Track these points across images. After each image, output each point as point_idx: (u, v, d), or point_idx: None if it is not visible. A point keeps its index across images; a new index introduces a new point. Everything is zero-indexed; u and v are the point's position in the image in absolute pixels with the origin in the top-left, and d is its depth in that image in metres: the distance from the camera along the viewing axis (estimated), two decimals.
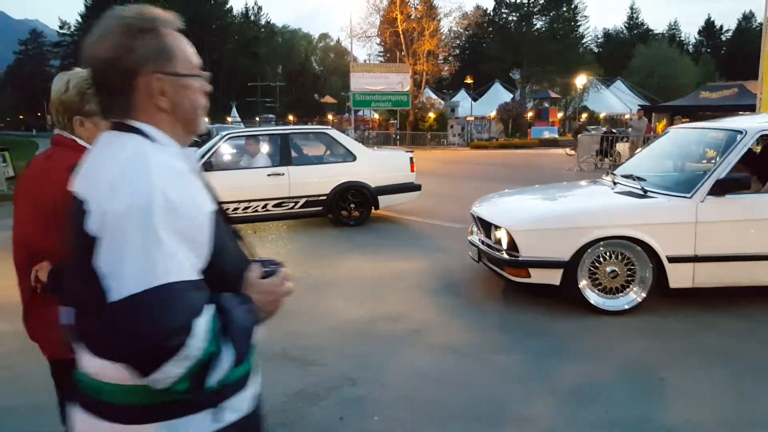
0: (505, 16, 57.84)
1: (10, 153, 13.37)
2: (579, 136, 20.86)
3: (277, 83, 69.93)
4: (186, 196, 1.05)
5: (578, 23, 58.44)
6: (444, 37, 44.66)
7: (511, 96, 52.58)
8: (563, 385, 3.45)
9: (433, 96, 48.01)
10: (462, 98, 54.76)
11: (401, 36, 39.56)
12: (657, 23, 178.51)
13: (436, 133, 38.62)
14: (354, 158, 8.25)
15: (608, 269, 4.43)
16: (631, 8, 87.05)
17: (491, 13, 58.67)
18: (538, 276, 4.49)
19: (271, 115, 69.84)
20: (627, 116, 52.99)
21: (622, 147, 18.56)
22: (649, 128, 18.32)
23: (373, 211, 8.47)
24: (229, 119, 60.19)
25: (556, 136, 38.20)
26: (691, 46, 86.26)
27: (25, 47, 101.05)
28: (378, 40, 44.39)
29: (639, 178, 4.91)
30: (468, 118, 44.01)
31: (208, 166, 7.39)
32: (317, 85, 71.29)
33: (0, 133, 55.89)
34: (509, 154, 28.28)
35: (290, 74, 72.71)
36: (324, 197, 8.08)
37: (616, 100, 55.92)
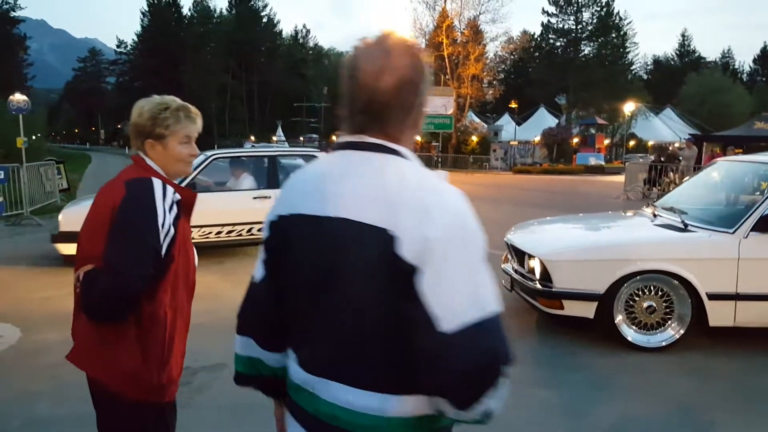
0: (552, 41, 57.50)
1: (65, 166, 14.01)
2: (626, 164, 20.38)
3: (322, 104, 71.28)
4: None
5: (627, 50, 57.55)
6: (489, 61, 44.68)
7: (557, 121, 52.02)
8: (608, 422, 3.33)
9: (477, 119, 47.95)
10: (506, 122, 54.46)
11: (446, 60, 39.79)
12: (709, 51, 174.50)
13: (479, 156, 38.45)
14: None
15: (645, 304, 4.28)
16: (683, 36, 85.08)
17: (538, 38, 58.44)
18: (571, 308, 4.35)
19: (314, 135, 71.07)
20: (677, 144, 51.63)
21: (671, 176, 18.03)
22: (706, 158, 17.66)
23: None
24: (275, 138, 61.54)
25: (602, 163, 37.45)
26: (745, 75, 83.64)
27: (84, 65, 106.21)
28: None
29: (680, 211, 4.76)
30: (511, 143, 43.70)
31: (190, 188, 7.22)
32: None
33: (56, 146, 58.69)
34: (553, 179, 27.86)
35: (335, 96, 73.91)
36: None
37: (666, 129, 54.50)
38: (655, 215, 5.04)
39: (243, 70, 76.71)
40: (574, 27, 55.40)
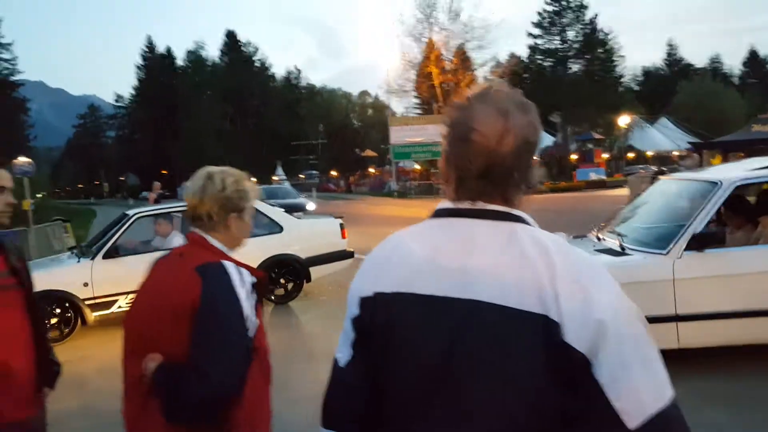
0: (540, 62, 58.31)
1: (71, 224, 14.12)
2: (629, 177, 20.42)
3: (318, 141, 72.01)
4: None
5: (615, 63, 58.27)
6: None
7: (553, 139, 52.35)
8: None
9: None
10: None
11: (437, 88, 40.33)
12: (697, 58, 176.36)
13: None
14: (280, 229, 7.57)
15: None
16: (670, 45, 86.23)
17: (526, 60, 59.30)
18: None
19: (314, 172, 71.67)
20: (675, 153, 51.79)
21: None
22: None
23: (308, 282, 7.78)
24: (275, 178, 62.02)
25: (604, 177, 37.51)
26: (736, 78, 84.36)
27: (84, 121, 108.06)
28: (414, 93, 45.39)
29: (620, 234, 4.63)
30: None
31: (113, 252, 6.68)
32: (357, 140, 73.02)
33: (61, 202, 59.09)
34: (557, 198, 27.85)
35: (331, 132, 74.88)
36: None
37: (663, 138, 54.74)
38: (599, 239, 4.97)
39: (239, 114, 77.82)
40: (560, 46, 56.25)
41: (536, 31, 57.13)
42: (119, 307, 6.64)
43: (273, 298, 7.52)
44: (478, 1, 61.28)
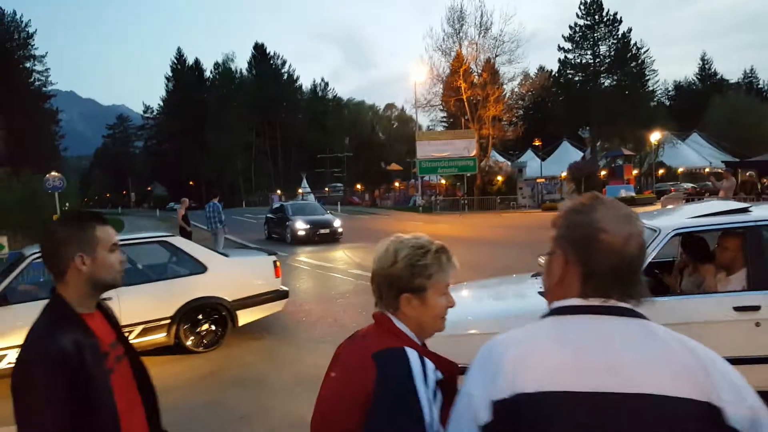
0: (570, 76, 57.71)
1: None
2: (662, 198, 19.87)
3: (344, 154, 72.29)
4: None
5: (647, 78, 57.36)
6: (508, 99, 44.84)
7: (581, 154, 51.58)
8: None
9: (500, 159, 47.83)
10: (529, 158, 54.23)
11: (465, 103, 40.04)
12: (731, 73, 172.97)
13: (505, 196, 38.09)
14: (204, 269, 6.78)
15: None
16: (703, 59, 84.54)
17: (556, 74, 58.74)
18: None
19: (339, 185, 71.90)
20: (707, 169, 50.60)
21: None
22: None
23: (234, 327, 6.84)
24: (300, 190, 62.41)
25: (633, 194, 36.69)
26: None
27: (113, 131, 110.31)
28: (441, 106, 45.16)
29: None
30: (538, 180, 43.31)
31: (1, 300, 5.76)
32: (383, 154, 73.09)
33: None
34: None
35: (357, 144, 75.18)
36: (167, 321, 6.39)
37: (695, 154, 53.60)
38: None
39: (266, 127, 78.69)
40: (591, 61, 55.65)
41: (567, 45, 56.67)
42: (9, 363, 5.46)
43: (194, 347, 6.58)
44: (508, 16, 60.68)
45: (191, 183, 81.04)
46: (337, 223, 19.46)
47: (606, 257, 1.04)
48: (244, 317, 6.88)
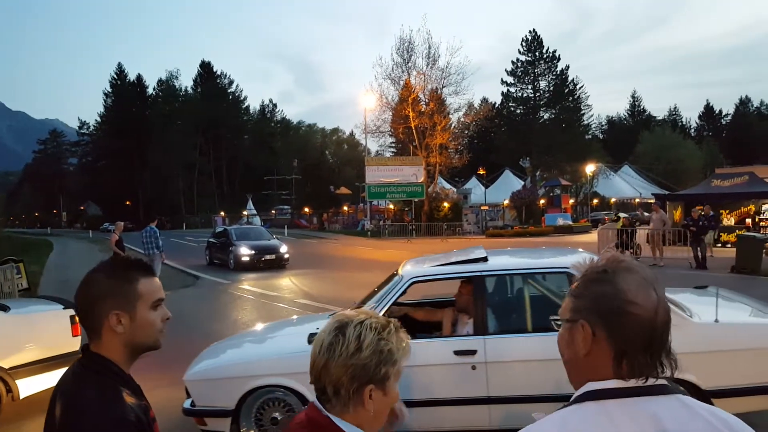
0: (512, 108, 60.20)
1: (24, 264, 13.16)
2: (599, 228, 21.09)
3: (293, 176, 71.97)
4: None
5: (582, 113, 60.65)
6: (454, 128, 46.35)
7: (522, 183, 53.70)
8: None
9: (447, 185, 49.15)
10: (474, 185, 55.96)
11: (413, 130, 41.12)
12: (658, 110, 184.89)
13: (451, 222, 39.15)
14: None
15: (271, 416, 4.37)
16: (633, 96, 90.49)
17: (499, 107, 61.13)
18: (213, 424, 4.45)
19: (286, 207, 71.32)
20: (637, 200, 53.77)
21: (641, 238, 18.76)
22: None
23: (14, 400, 5.30)
24: (245, 212, 61.47)
25: (570, 222, 38.56)
26: (693, 130, 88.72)
27: (45, 146, 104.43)
28: (390, 132, 46.14)
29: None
30: (482, 207, 44.76)
31: None
32: (332, 177, 73.20)
33: (15, 231, 56.04)
34: (526, 242, 28.39)
35: (306, 167, 74.95)
36: None
37: (626, 185, 56.90)
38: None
39: (211, 146, 77.31)
40: (532, 95, 58.29)
41: (510, 79, 59.14)
42: None
43: None
44: (454, 48, 62.94)
45: (128, 203, 78.31)
46: (283, 248, 18.86)
47: (639, 332, 0.99)
48: (28, 387, 5.42)
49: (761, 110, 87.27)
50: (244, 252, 18.06)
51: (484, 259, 4.43)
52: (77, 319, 4.49)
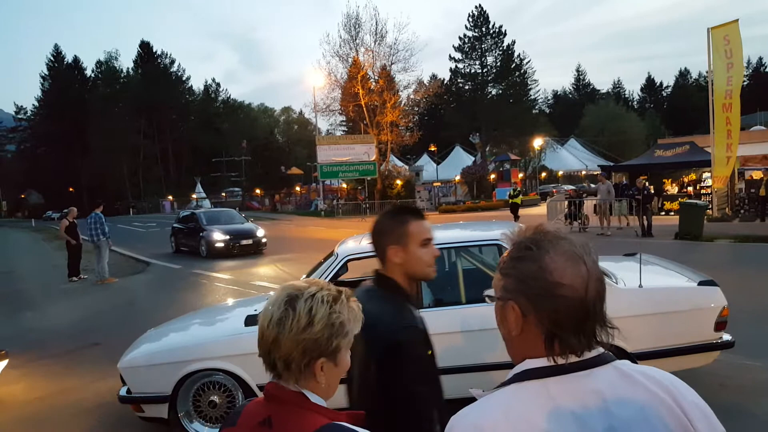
0: (461, 84, 60.50)
1: None
2: (547, 201, 21.57)
3: (242, 157, 70.48)
4: None
5: (529, 87, 61.57)
6: (404, 106, 46.25)
7: (473, 159, 54.36)
8: None
9: (399, 163, 49.21)
10: (425, 162, 56.27)
11: (364, 108, 40.81)
12: (602, 83, 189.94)
13: (405, 199, 39.32)
14: None
15: (209, 399, 4.39)
16: (578, 71, 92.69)
17: (448, 83, 61.38)
18: (150, 410, 4.44)
19: (237, 189, 69.97)
20: (583, 172, 55.38)
21: (588, 208, 19.32)
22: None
23: None
24: (194, 196, 59.96)
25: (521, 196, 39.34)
26: (635, 103, 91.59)
27: None
28: (341, 111, 45.68)
29: None
30: (434, 183, 45.12)
31: None
32: (282, 157, 72.06)
33: None
34: (478, 216, 28.83)
35: (255, 148, 73.51)
36: None
37: (572, 158, 58.43)
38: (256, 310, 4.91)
39: (155, 129, 74.69)
40: (480, 71, 58.69)
41: (457, 55, 59.31)
42: None
43: None
44: (402, 25, 62.55)
45: (71, 189, 75.04)
46: (260, 232, 17.71)
47: (569, 313, 0.94)
48: None
49: (700, 82, 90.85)
50: (218, 237, 16.94)
51: None
52: None
